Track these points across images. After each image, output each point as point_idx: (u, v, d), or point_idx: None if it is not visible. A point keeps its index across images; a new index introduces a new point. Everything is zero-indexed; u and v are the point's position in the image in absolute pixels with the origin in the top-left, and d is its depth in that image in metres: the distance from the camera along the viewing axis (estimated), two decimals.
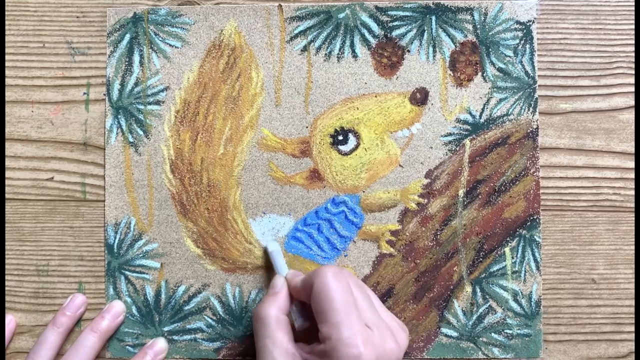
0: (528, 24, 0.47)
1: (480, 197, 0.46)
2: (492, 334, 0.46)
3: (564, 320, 0.47)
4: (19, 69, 0.48)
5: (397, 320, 0.41)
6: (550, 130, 0.47)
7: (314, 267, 0.47)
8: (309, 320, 0.41)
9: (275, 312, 0.40)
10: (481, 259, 0.46)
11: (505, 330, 0.46)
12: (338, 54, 0.47)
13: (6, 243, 0.47)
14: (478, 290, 0.46)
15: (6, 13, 0.48)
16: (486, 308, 0.46)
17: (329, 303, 0.37)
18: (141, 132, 0.47)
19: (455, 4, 0.47)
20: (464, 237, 0.46)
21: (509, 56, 0.47)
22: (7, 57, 0.47)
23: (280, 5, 0.47)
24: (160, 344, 0.46)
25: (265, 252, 0.46)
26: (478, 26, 0.47)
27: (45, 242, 0.47)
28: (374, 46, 0.47)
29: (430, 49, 0.47)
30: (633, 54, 0.47)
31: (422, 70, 0.47)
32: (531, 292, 0.46)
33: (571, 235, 0.47)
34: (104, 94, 0.47)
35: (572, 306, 0.47)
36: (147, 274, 0.47)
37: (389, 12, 0.47)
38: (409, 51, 0.47)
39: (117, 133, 0.47)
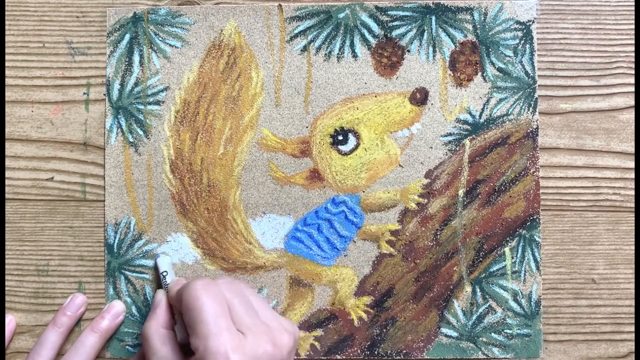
0: (528, 24, 0.47)
1: (480, 197, 0.46)
2: (492, 334, 0.46)
3: (564, 320, 0.47)
4: (19, 69, 0.48)
5: (284, 322, 0.40)
6: (550, 130, 0.47)
7: (314, 267, 0.47)
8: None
9: (155, 328, 0.40)
10: (481, 259, 0.46)
11: (505, 330, 0.46)
12: (338, 54, 0.47)
13: (6, 243, 0.47)
14: (478, 290, 0.46)
15: (6, 13, 0.48)
16: (486, 308, 0.46)
17: (196, 315, 0.37)
18: (141, 132, 0.47)
19: (455, 4, 0.47)
20: (464, 237, 0.46)
21: (509, 56, 0.47)
22: (7, 57, 0.48)
23: (280, 5, 0.47)
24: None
25: (155, 262, 0.46)
26: (478, 26, 0.47)
27: (45, 242, 0.47)
28: (374, 46, 0.47)
29: (430, 48, 0.47)
30: (633, 54, 0.47)
31: (422, 70, 0.47)
32: (531, 292, 0.46)
33: (571, 235, 0.47)
34: (104, 94, 0.47)
35: (572, 306, 0.47)
36: (147, 274, 0.47)
37: (389, 12, 0.47)
38: (409, 51, 0.47)
39: (117, 133, 0.47)
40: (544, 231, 0.47)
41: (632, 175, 0.47)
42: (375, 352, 0.46)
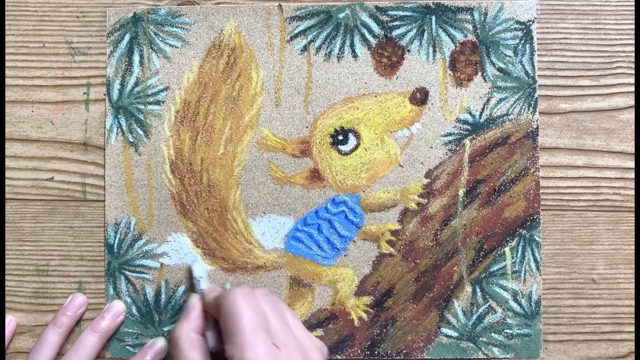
0: (528, 23, 0.47)
1: (480, 197, 0.46)
2: (492, 334, 0.46)
3: (564, 320, 0.47)
4: (19, 69, 0.48)
5: (315, 340, 0.41)
6: (550, 130, 0.47)
7: (314, 267, 0.47)
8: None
9: (186, 332, 0.40)
10: (481, 259, 0.46)
11: (505, 330, 0.46)
12: (338, 53, 0.47)
13: (6, 243, 0.47)
14: (478, 290, 0.46)
15: (6, 13, 0.48)
16: (486, 308, 0.46)
17: (234, 323, 0.37)
18: (141, 132, 0.47)
19: (455, 4, 0.47)
20: (464, 237, 0.46)
21: (509, 56, 0.47)
22: (7, 57, 0.47)
23: (280, 5, 0.47)
24: (160, 343, 0.46)
25: (189, 271, 0.46)
26: (478, 26, 0.47)
27: (45, 242, 0.47)
28: (374, 46, 0.47)
29: (430, 48, 0.47)
30: (633, 54, 0.47)
31: (422, 70, 0.47)
32: (531, 292, 0.46)
33: (571, 235, 0.47)
34: (104, 94, 0.47)
35: (572, 306, 0.47)
36: (147, 274, 0.47)
37: (389, 12, 0.47)
38: (409, 51, 0.47)
39: (117, 133, 0.47)
40: (544, 231, 0.47)
41: (632, 175, 0.47)
42: (375, 352, 0.46)
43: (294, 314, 0.42)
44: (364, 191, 0.47)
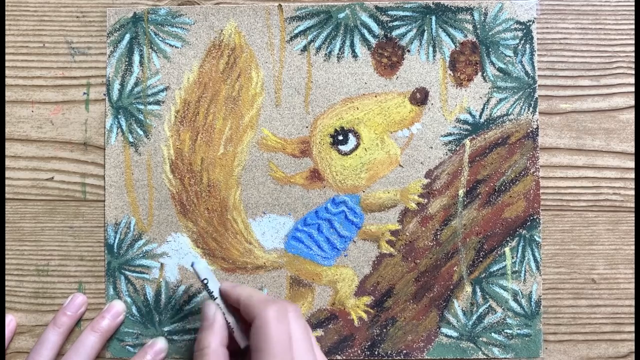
0: (528, 24, 0.47)
1: (480, 197, 0.46)
2: (492, 334, 0.46)
3: (564, 320, 0.47)
4: (19, 69, 0.48)
5: None
6: (550, 130, 0.47)
7: (314, 267, 0.47)
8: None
9: (215, 345, 0.40)
10: (481, 259, 0.46)
11: (505, 330, 0.46)
12: (338, 53, 0.47)
13: (6, 243, 0.47)
14: (478, 290, 0.46)
15: (6, 13, 0.48)
16: (486, 308, 0.46)
17: (265, 344, 0.37)
18: (141, 132, 0.47)
19: (455, 4, 0.47)
20: (464, 237, 0.46)
21: (509, 56, 0.47)
22: (7, 57, 0.48)
23: (280, 5, 0.47)
24: (160, 344, 0.46)
25: (193, 269, 0.43)
26: (478, 26, 0.47)
27: (45, 242, 0.47)
28: (374, 46, 0.47)
29: (430, 48, 0.47)
30: (633, 54, 0.47)
31: (422, 70, 0.47)
32: (531, 292, 0.46)
33: (571, 235, 0.47)
34: (104, 94, 0.47)
35: (572, 306, 0.47)
36: (147, 274, 0.47)
37: (389, 12, 0.47)
38: (409, 51, 0.47)
39: (117, 133, 0.47)
40: (544, 231, 0.47)
41: (632, 175, 0.47)
42: (376, 352, 0.46)
43: (313, 336, 0.42)
44: (364, 191, 0.47)
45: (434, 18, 0.47)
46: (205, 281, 0.42)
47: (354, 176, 0.47)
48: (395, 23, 0.47)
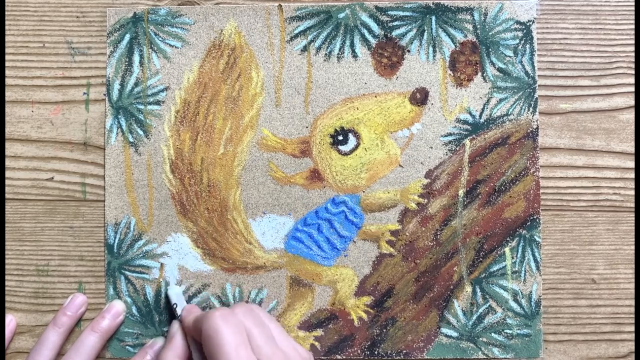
0: (528, 24, 0.47)
1: (480, 197, 0.46)
2: (492, 334, 0.46)
3: (564, 320, 0.47)
4: (19, 69, 0.48)
5: (300, 350, 0.41)
6: (550, 130, 0.47)
7: (314, 267, 0.47)
8: None
9: (171, 357, 0.41)
10: (481, 259, 0.46)
11: (505, 330, 0.46)
12: (338, 54, 0.47)
13: (6, 243, 0.47)
14: (478, 290, 0.46)
15: (6, 13, 0.48)
16: (486, 308, 0.46)
17: (217, 346, 0.37)
18: (141, 132, 0.47)
19: (455, 4, 0.47)
20: (464, 237, 0.46)
21: (509, 56, 0.47)
22: (7, 57, 0.48)
23: (280, 5, 0.47)
24: (160, 343, 0.46)
25: (167, 294, 0.46)
26: (478, 26, 0.47)
27: (45, 242, 0.47)
28: (374, 46, 0.47)
29: (430, 49, 0.47)
30: (633, 54, 0.47)
31: (422, 70, 0.47)
32: (531, 292, 0.46)
33: (571, 235, 0.47)
34: (104, 94, 0.47)
35: (572, 306, 0.47)
36: (147, 274, 0.47)
37: (389, 12, 0.47)
38: (409, 51, 0.47)
39: (117, 133, 0.47)
40: (544, 231, 0.47)
41: (632, 175, 0.47)
42: (375, 352, 0.46)
43: (279, 325, 0.42)
44: (364, 191, 0.47)
45: (434, 18, 0.47)
46: (174, 306, 0.45)
47: (354, 176, 0.47)
48: (395, 23, 0.47)
